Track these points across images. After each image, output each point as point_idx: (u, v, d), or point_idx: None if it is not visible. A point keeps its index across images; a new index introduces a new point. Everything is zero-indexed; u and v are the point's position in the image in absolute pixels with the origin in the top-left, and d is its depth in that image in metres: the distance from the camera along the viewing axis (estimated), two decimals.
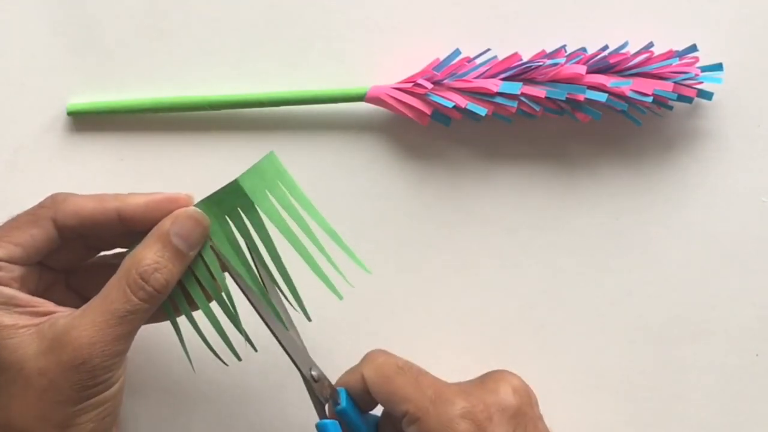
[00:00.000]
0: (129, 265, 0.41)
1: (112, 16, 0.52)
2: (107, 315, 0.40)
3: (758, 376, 0.52)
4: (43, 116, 0.52)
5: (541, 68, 0.49)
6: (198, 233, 0.42)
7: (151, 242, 0.42)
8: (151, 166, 0.52)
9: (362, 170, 0.52)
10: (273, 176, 0.43)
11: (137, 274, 0.41)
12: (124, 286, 0.41)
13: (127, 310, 0.41)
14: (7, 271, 0.42)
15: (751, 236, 0.52)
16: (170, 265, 0.41)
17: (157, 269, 0.41)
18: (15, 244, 0.42)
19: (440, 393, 0.43)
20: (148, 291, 0.41)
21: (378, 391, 0.43)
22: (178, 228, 0.42)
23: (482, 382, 0.44)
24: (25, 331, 0.41)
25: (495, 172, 0.52)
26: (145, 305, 0.41)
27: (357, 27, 0.52)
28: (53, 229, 0.43)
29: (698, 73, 0.50)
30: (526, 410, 0.43)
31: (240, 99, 0.51)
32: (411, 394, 0.43)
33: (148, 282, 0.41)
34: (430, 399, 0.43)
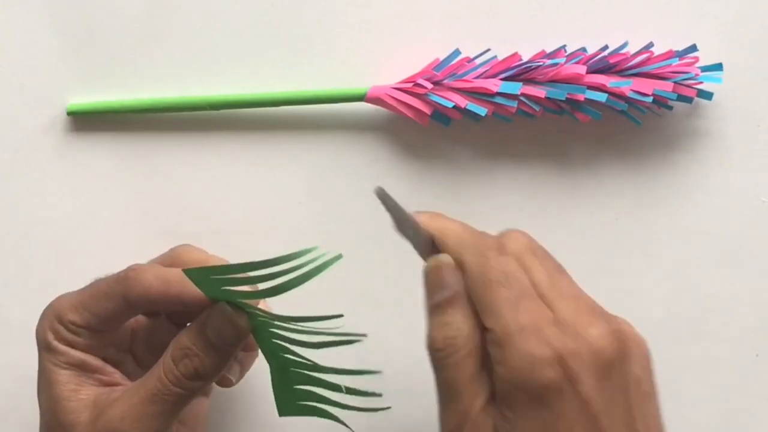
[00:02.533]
0: (169, 346, 0.42)
1: (112, 16, 0.52)
2: (141, 392, 0.41)
3: (758, 376, 0.52)
4: (43, 116, 0.52)
5: (541, 68, 0.49)
6: (233, 334, 0.41)
7: (191, 327, 0.42)
8: (151, 166, 0.52)
9: (362, 170, 0.52)
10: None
11: (170, 355, 0.41)
12: (161, 365, 0.41)
13: (159, 389, 0.41)
14: (84, 338, 0.43)
15: (751, 236, 0.52)
16: (202, 354, 0.41)
17: (187, 355, 0.41)
18: (92, 314, 0.43)
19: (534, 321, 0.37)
20: (176, 375, 0.41)
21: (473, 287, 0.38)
22: (212, 322, 0.41)
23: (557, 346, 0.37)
24: (85, 398, 0.42)
25: (495, 172, 0.52)
26: (176, 389, 0.41)
27: (357, 27, 0.52)
28: (124, 306, 0.43)
29: (698, 73, 0.50)
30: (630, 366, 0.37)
31: (240, 99, 0.51)
32: (505, 314, 0.37)
33: (177, 366, 0.41)
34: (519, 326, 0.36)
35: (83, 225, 0.52)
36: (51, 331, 0.43)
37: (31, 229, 0.52)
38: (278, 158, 0.52)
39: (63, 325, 0.43)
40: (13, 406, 0.52)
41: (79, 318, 0.43)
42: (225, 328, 0.41)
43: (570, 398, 0.36)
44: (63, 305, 0.43)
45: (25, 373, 0.51)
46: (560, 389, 0.36)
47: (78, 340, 0.43)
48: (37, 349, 0.44)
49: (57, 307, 0.44)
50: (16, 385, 0.52)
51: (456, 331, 0.38)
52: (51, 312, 0.44)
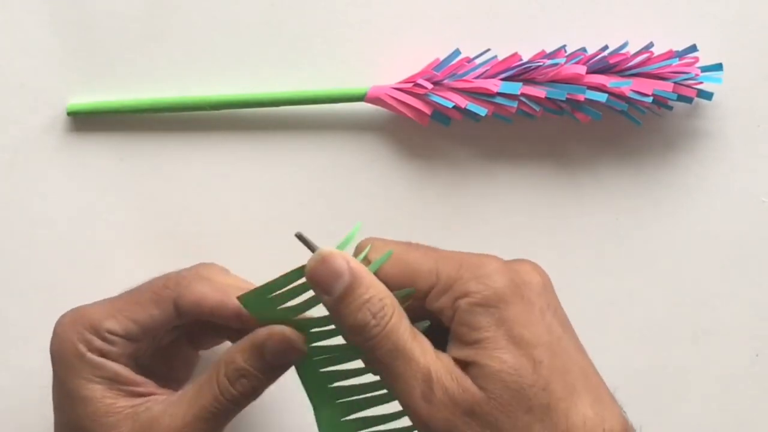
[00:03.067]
0: (220, 363, 0.41)
1: (112, 16, 0.52)
2: (196, 409, 0.41)
3: (758, 376, 0.52)
4: (43, 116, 0.52)
5: (541, 68, 0.49)
6: (290, 355, 0.41)
7: (245, 347, 0.41)
8: (151, 166, 0.52)
9: (362, 170, 0.52)
10: None
11: (225, 375, 0.41)
12: (215, 383, 0.41)
13: (215, 407, 0.41)
14: (120, 347, 0.42)
15: (751, 236, 0.52)
16: (258, 374, 0.41)
17: (243, 375, 0.41)
18: (134, 321, 0.42)
19: (467, 257, 0.39)
20: (233, 394, 0.41)
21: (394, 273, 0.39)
22: (272, 345, 0.41)
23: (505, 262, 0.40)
24: (122, 410, 0.41)
25: (495, 172, 0.52)
26: (231, 406, 0.41)
27: (357, 27, 0.52)
28: (173, 313, 0.43)
29: (698, 73, 0.50)
30: (550, 290, 0.40)
31: (240, 99, 0.51)
32: (435, 264, 0.39)
33: (233, 385, 0.41)
34: (458, 263, 0.38)
35: (83, 225, 0.52)
36: (82, 342, 0.42)
37: (31, 229, 0.52)
38: (278, 158, 0.52)
39: (98, 335, 0.42)
40: (12, 406, 0.52)
41: (118, 326, 0.42)
42: (286, 351, 0.40)
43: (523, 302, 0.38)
44: (94, 314, 0.42)
45: (25, 373, 0.51)
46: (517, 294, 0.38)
47: (112, 350, 0.42)
48: (58, 364, 0.42)
49: (86, 316, 0.42)
50: (16, 385, 0.52)
51: (379, 302, 0.38)
52: (78, 322, 0.42)
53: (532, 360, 0.37)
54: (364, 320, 0.37)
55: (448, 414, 0.36)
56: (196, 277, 0.43)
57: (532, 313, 0.38)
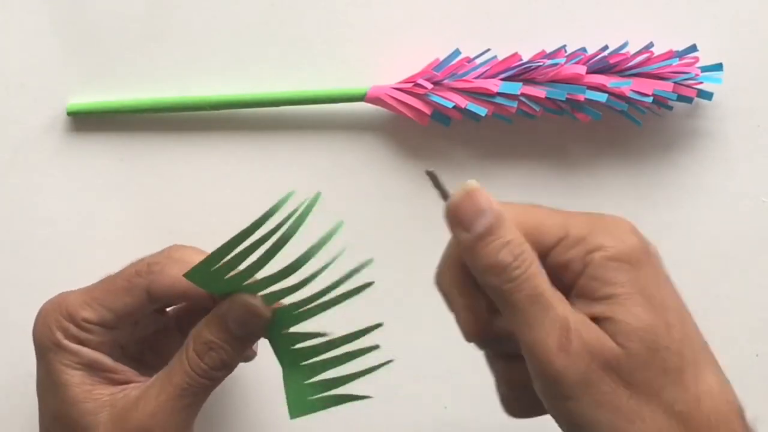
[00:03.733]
0: (189, 339, 0.42)
1: (112, 16, 0.52)
2: (169, 388, 0.41)
3: (758, 376, 0.52)
4: (43, 116, 0.52)
5: (541, 68, 0.49)
6: (256, 324, 0.41)
7: (210, 321, 0.41)
8: (151, 166, 0.52)
9: (362, 170, 0.52)
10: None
11: (193, 350, 0.41)
12: (185, 359, 0.41)
13: (187, 383, 0.41)
14: (97, 335, 0.42)
15: (751, 236, 0.52)
16: (226, 346, 0.41)
17: (211, 348, 0.41)
18: (108, 309, 0.42)
19: (599, 215, 0.38)
20: (203, 368, 0.41)
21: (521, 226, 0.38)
22: (233, 314, 0.41)
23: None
24: (100, 397, 0.41)
25: (495, 172, 0.52)
26: (204, 381, 0.41)
27: (357, 27, 0.52)
28: (146, 300, 0.43)
29: (698, 73, 0.50)
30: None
31: (240, 99, 0.51)
32: (565, 219, 0.38)
33: (203, 359, 0.41)
34: (589, 219, 0.38)
35: (83, 225, 0.52)
36: (60, 330, 0.42)
37: (31, 229, 0.52)
38: (278, 158, 0.52)
39: (74, 323, 0.42)
40: (12, 406, 0.52)
41: (93, 314, 0.42)
42: (248, 318, 0.41)
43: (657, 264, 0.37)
44: (72, 302, 0.43)
45: (26, 372, 0.51)
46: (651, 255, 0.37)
47: (90, 338, 0.42)
48: (38, 351, 0.43)
49: (64, 304, 0.43)
50: (16, 385, 0.52)
51: (520, 246, 0.36)
52: (56, 310, 0.43)
53: (666, 322, 0.36)
54: (505, 261, 0.36)
55: (584, 366, 0.35)
56: (168, 260, 0.43)
57: (663, 277, 0.37)
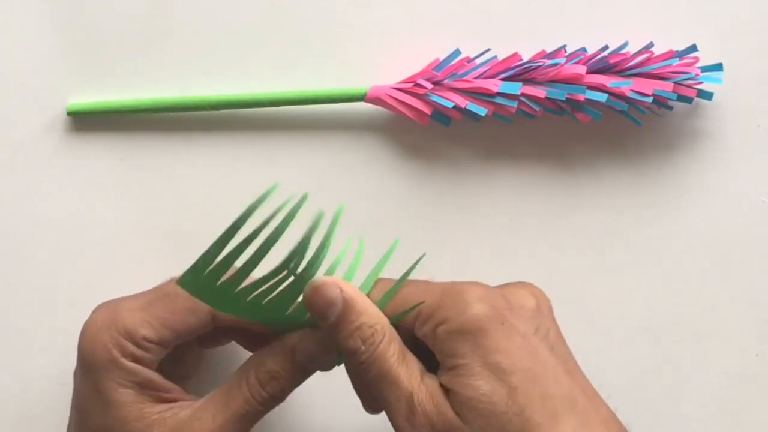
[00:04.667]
0: (250, 366, 0.42)
1: (112, 16, 0.52)
2: (227, 412, 0.41)
3: (758, 376, 0.52)
4: (43, 116, 0.52)
5: (541, 68, 0.49)
6: (325, 357, 0.42)
7: (277, 350, 0.42)
8: (151, 166, 0.52)
9: (362, 170, 0.52)
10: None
11: (255, 378, 0.41)
12: (245, 386, 0.41)
13: (245, 410, 0.41)
14: (154, 354, 0.42)
15: (751, 236, 0.52)
16: (289, 376, 0.42)
17: (275, 378, 0.41)
18: (170, 329, 0.42)
19: (451, 286, 0.40)
20: (264, 396, 0.41)
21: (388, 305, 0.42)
22: (306, 349, 0.42)
23: (498, 287, 0.42)
24: (149, 416, 0.41)
25: (495, 172, 0.52)
26: (261, 408, 0.41)
27: (357, 27, 0.52)
28: (210, 323, 0.43)
29: (698, 73, 0.50)
30: (545, 313, 0.41)
31: (240, 99, 0.51)
32: (421, 295, 0.41)
33: (264, 388, 0.41)
34: (440, 292, 0.40)
35: (83, 225, 0.52)
36: (116, 347, 0.41)
37: (31, 229, 0.52)
38: (278, 158, 0.52)
39: (133, 341, 0.41)
40: (13, 406, 0.52)
41: (153, 334, 0.42)
42: (318, 352, 0.41)
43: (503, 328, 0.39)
44: (130, 320, 0.42)
45: (26, 373, 0.51)
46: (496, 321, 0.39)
47: (147, 357, 0.42)
48: (88, 366, 0.42)
49: (121, 321, 0.42)
50: (15, 385, 0.52)
51: (370, 325, 0.39)
52: (113, 327, 0.42)
53: (507, 386, 0.37)
54: (354, 346, 0.39)
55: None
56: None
57: (513, 340, 0.38)
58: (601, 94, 0.49)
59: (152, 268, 0.51)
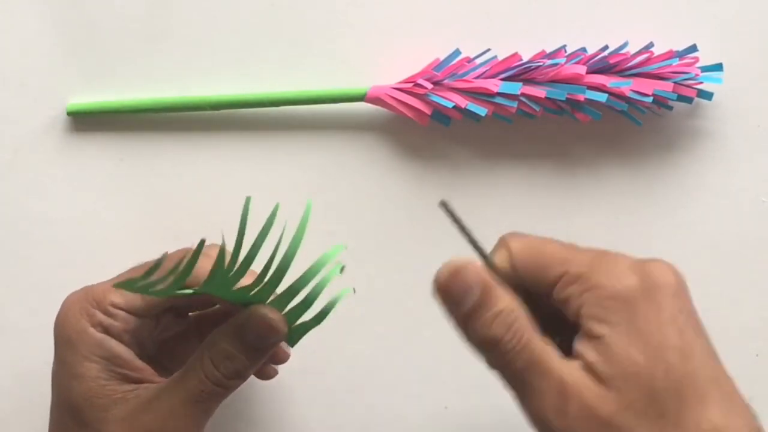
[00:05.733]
0: (204, 346, 0.41)
1: (112, 16, 0.52)
2: (182, 392, 0.41)
3: (758, 376, 0.52)
4: (43, 116, 0.52)
5: (541, 68, 0.49)
6: (274, 338, 0.41)
7: (228, 330, 0.41)
8: (151, 166, 0.52)
9: (362, 170, 0.52)
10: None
11: (209, 358, 0.41)
12: (200, 367, 0.41)
13: (201, 389, 0.41)
14: (122, 322, 0.42)
15: (751, 236, 0.52)
16: (242, 356, 0.41)
17: (227, 357, 0.41)
18: (137, 295, 0.42)
19: (601, 252, 0.38)
20: (218, 376, 0.41)
21: (527, 261, 0.38)
22: (252, 327, 0.41)
23: (641, 261, 0.39)
24: (112, 393, 0.41)
25: (495, 172, 0.52)
26: (217, 388, 0.41)
27: (357, 27, 0.52)
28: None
29: (698, 73, 0.50)
30: (686, 293, 0.38)
31: (240, 99, 0.51)
32: (568, 255, 0.38)
33: (218, 368, 0.41)
34: (590, 257, 0.38)
35: (83, 225, 0.52)
36: (86, 316, 0.42)
37: (31, 229, 0.52)
38: (278, 158, 0.52)
39: (101, 308, 0.42)
40: (13, 406, 0.52)
41: (121, 299, 0.42)
42: (266, 332, 0.41)
43: (656, 302, 0.36)
44: (100, 289, 0.42)
45: (26, 372, 0.51)
46: (649, 294, 0.36)
47: (115, 325, 0.42)
48: (59, 340, 0.42)
49: (91, 292, 0.42)
50: (16, 385, 0.52)
51: (511, 314, 0.36)
52: (83, 298, 0.42)
53: (665, 362, 0.36)
54: (498, 334, 0.36)
55: (583, 428, 0.35)
56: (203, 257, 0.43)
57: (663, 316, 0.36)
58: (601, 94, 0.49)
59: None
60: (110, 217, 0.52)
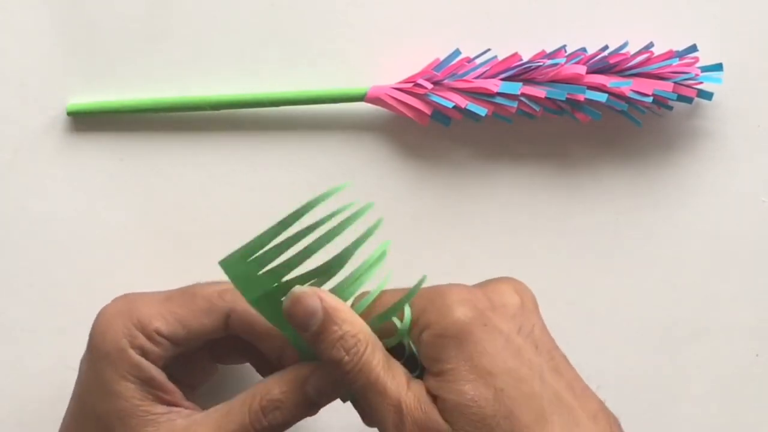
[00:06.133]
0: (256, 391, 0.41)
1: (112, 16, 0.52)
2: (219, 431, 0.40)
3: (758, 376, 0.52)
4: (43, 116, 0.52)
5: (541, 68, 0.49)
6: (336, 393, 0.41)
7: (286, 379, 0.41)
8: (151, 166, 0.52)
9: (362, 170, 0.52)
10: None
11: (259, 405, 0.40)
12: (246, 410, 0.40)
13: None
14: (162, 349, 0.41)
15: (751, 236, 0.52)
16: (294, 409, 0.40)
17: (278, 407, 0.40)
18: (183, 326, 0.42)
19: (434, 290, 0.40)
20: (264, 425, 0.40)
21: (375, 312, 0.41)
22: (318, 383, 0.40)
23: (480, 285, 0.41)
24: (145, 415, 0.41)
25: (495, 172, 0.52)
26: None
27: (357, 27, 0.52)
28: (223, 326, 0.42)
29: (698, 73, 0.50)
30: (529, 309, 0.40)
31: (240, 99, 0.51)
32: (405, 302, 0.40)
33: (266, 416, 0.40)
34: (425, 297, 0.40)
35: (83, 225, 0.52)
36: (127, 337, 0.41)
37: (31, 229, 0.52)
38: (278, 158, 0.52)
39: (144, 332, 0.41)
40: (13, 406, 0.52)
41: (166, 328, 0.41)
42: (331, 388, 0.40)
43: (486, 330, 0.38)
44: (145, 311, 0.41)
45: (26, 372, 0.51)
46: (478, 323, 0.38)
47: (155, 351, 0.41)
48: (96, 352, 0.41)
49: (136, 312, 0.41)
50: (16, 385, 0.52)
51: (353, 334, 0.39)
52: (127, 316, 0.41)
53: (493, 388, 0.37)
54: (338, 356, 0.38)
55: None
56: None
57: (496, 341, 0.38)
58: (601, 94, 0.49)
59: (152, 268, 0.51)
60: (110, 217, 0.52)
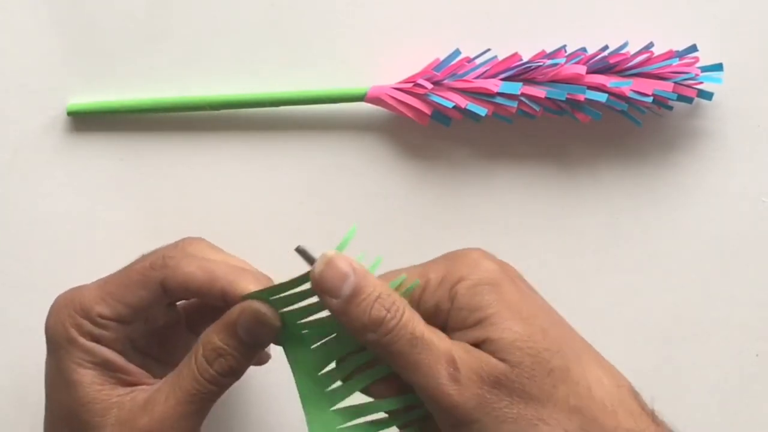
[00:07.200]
0: (198, 344, 0.41)
1: (112, 16, 0.52)
2: (177, 392, 0.41)
3: (758, 376, 0.52)
4: (43, 116, 0.52)
5: (541, 68, 0.49)
6: (266, 333, 0.41)
7: (220, 327, 0.41)
8: (151, 166, 0.52)
9: (362, 170, 0.52)
10: None
11: (203, 355, 0.41)
12: (193, 365, 0.41)
13: (195, 388, 0.41)
14: (112, 331, 0.42)
15: (751, 236, 0.52)
16: (235, 353, 0.41)
17: (221, 354, 0.41)
18: (124, 304, 0.42)
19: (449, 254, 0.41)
20: (212, 374, 0.41)
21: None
22: (244, 321, 0.40)
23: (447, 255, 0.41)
24: (108, 398, 0.41)
25: (495, 172, 0.52)
26: (212, 387, 0.41)
27: (357, 27, 0.52)
28: (161, 293, 0.42)
29: (698, 73, 0.50)
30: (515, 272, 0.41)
31: (240, 99, 0.51)
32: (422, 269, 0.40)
33: (212, 365, 0.41)
34: (442, 261, 0.40)
35: (83, 225, 0.52)
36: (74, 326, 0.42)
37: (31, 229, 0.52)
38: (278, 158, 0.52)
39: (89, 319, 0.42)
40: (13, 406, 0.52)
41: (108, 310, 0.42)
42: (258, 328, 0.40)
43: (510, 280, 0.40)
44: (86, 298, 0.42)
45: (26, 372, 0.51)
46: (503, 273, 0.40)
47: (105, 334, 0.42)
48: (50, 346, 0.42)
49: (78, 299, 0.42)
50: (16, 385, 0.52)
51: (390, 295, 0.38)
52: (70, 305, 0.42)
53: (540, 328, 0.38)
54: (379, 315, 0.38)
55: (477, 389, 0.37)
56: (182, 255, 0.43)
57: (523, 292, 0.40)
58: (601, 94, 0.49)
59: None
60: (110, 217, 0.52)
